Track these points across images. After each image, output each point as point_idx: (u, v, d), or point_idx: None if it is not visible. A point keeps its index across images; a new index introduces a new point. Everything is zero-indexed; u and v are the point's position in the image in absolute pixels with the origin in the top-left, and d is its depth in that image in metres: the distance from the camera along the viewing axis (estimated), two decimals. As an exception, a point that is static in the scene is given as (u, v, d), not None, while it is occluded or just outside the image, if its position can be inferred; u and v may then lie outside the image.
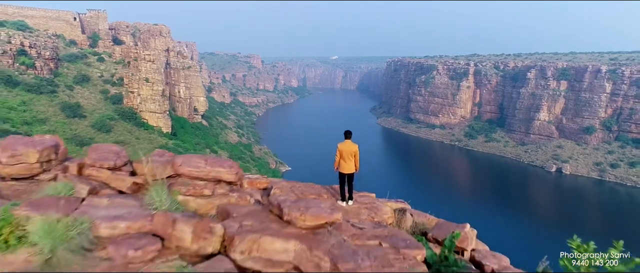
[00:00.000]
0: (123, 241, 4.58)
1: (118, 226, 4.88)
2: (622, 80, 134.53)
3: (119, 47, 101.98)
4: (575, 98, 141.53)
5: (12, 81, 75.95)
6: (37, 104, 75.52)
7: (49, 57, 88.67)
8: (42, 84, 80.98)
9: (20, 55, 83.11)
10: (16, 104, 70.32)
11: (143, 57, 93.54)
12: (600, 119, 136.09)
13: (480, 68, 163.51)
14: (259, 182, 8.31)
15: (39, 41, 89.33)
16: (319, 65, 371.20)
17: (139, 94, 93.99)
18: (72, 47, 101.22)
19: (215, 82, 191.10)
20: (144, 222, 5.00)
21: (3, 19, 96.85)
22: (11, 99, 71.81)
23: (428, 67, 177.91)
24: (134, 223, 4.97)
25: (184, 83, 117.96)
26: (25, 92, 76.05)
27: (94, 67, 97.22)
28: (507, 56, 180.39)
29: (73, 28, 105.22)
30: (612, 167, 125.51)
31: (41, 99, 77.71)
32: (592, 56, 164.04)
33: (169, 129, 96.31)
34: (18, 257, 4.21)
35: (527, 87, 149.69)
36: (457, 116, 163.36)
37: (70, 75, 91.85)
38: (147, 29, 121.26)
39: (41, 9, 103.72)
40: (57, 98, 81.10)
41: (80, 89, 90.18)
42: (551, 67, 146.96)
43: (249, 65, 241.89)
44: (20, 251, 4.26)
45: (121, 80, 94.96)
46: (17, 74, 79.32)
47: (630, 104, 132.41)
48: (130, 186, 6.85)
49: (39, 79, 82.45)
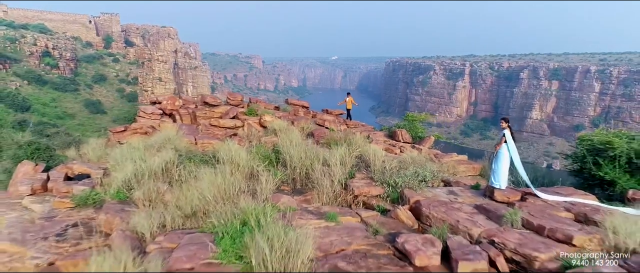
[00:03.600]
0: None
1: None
2: (610, 80, 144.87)
3: (133, 49, 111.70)
4: (566, 97, 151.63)
5: (42, 80, 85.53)
6: (64, 100, 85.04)
7: (70, 58, 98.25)
8: (66, 83, 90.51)
9: (44, 57, 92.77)
10: (48, 101, 79.88)
11: (156, 58, 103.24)
12: (589, 117, 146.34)
13: (475, 68, 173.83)
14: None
15: (60, 43, 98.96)
16: (319, 65, 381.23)
17: (153, 92, 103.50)
18: (88, 49, 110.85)
19: (217, 82, 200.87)
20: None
21: (24, 22, 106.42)
22: (42, 96, 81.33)
23: (425, 67, 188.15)
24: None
25: (191, 82, 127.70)
26: (53, 90, 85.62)
27: (109, 67, 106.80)
28: (502, 57, 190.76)
29: (88, 30, 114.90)
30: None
31: (67, 96, 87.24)
32: (583, 57, 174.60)
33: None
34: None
35: (520, 87, 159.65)
36: (453, 115, 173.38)
37: (89, 74, 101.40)
38: (156, 31, 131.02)
39: (59, 12, 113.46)
40: (80, 96, 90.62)
41: (99, 87, 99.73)
42: (543, 68, 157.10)
43: (250, 66, 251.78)
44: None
45: (135, 79, 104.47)
46: (44, 74, 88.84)
47: (618, 103, 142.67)
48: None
49: (63, 78, 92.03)
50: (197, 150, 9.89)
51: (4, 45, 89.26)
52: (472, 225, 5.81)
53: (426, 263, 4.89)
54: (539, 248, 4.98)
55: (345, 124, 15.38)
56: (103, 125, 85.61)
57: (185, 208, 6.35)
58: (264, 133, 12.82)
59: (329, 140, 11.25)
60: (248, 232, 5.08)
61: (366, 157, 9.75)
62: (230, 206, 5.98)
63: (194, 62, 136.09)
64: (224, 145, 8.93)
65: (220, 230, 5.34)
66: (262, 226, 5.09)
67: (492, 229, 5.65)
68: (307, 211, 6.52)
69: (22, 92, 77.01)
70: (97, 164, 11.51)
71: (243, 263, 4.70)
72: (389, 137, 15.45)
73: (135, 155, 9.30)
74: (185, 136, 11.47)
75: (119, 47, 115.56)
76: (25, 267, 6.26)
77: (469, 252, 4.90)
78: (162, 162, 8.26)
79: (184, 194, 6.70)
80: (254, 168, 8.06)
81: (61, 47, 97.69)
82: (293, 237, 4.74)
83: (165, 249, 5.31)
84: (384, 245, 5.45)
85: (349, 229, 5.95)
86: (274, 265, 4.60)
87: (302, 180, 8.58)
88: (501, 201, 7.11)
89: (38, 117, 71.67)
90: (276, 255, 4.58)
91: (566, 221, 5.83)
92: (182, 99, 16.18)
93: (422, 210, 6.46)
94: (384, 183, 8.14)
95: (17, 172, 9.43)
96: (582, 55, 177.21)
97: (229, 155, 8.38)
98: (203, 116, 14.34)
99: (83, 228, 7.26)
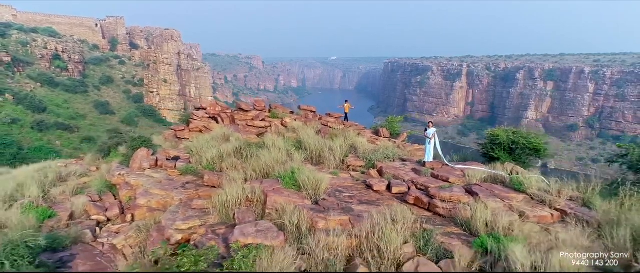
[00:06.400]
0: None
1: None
2: (603, 80, 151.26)
3: (139, 51, 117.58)
4: (560, 97, 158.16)
5: (54, 82, 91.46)
6: (75, 102, 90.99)
7: (78, 61, 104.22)
8: (75, 85, 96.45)
9: (55, 60, 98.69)
10: (60, 102, 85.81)
11: (162, 60, 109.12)
12: (583, 117, 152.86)
13: (472, 69, 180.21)
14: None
15: (69, 46, 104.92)
16: (318, 65, 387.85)
17: (158, 93, 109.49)
18: (95, 51, 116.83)
19: (218, 83, 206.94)
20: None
21: (33, 25, 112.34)
22: (55, 97, 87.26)
23: (423, 67, 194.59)
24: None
25: (194, 84, 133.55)
26: (64, 92, 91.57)
27: (116, 70, 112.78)
28: (499, 57, 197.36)
29: (95, 33, 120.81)
30: (594, 162, 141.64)
31: (77, 97, 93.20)
32: (578, 58, 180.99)
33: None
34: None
35: (516, 88, 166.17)
36: (450, 115, 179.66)
37: (97, 76, 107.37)
38: (160, 33, 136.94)
39: (66, 16, 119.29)
40: (89, 97, 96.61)
41: (106, 89, 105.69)
42: (539, 68, 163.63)
43: (250, 66, 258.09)
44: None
45: (141, 81, 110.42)
46: (55, 76, 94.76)
47: (611, 103, 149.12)
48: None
49: (72, 80, 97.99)
50: (246, 141, 15.82)
51: (17, 49, 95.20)
52: (405, 175, 11.82)
53: (379, 189, 10.92)
54: (432, 183, 10.99)
55: (343, 124, 21.31)
56: (112, 125, 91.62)
57: (258, 170, 12.39)
58: (286, 131, 18.73)
59: (332, 135, 17.14)
60: (294, 176, 11.05)
61: (355, 145, 15.75)
62: (282, 167, 12.03)
63: (196, 64, 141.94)
64: (268, 137, 14.93)
65: (281, 176, 11.32)
66: (301, 173, 11.11)
67: (414, 177, 11.67)
68: (321, 172, 12.57)
69: (36, 94, 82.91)
70: (174, 151, 17.54)
71: (295, 187, 10.68)
72: (374, 134, 21.44)
73: (211, 144, 15.36)
74: (235, 133, 17.41)
75: (125, 49, 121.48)
76: (174, 201, 12.24)
77: (398, 183, 10.92)
78: (233, 147, 14.25)
79: (255, 164, 12.75)
80: (288, 151, 13.98)
81: (70, 50, 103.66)
82: (318, 177, 10.78)
83: (255, 186, 11.30)
84: (360, 184, 11.48)
85: (344, 179, 11.99)
86: (309, 189, 10.58)
87: (316, 158, 14.48)
88: (428, 167, 13.14)
89: (54, 117, 77.58)
90: (311, 184, 10.58)
91: (454, 173, 11.87)
92: (220, 106, 22.13)
93: (383, 170, 12.48)
94: (364, 159, 14.09)
95: (136, 155, 15.44)
96: (577, 56, 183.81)
97: (272, 143, 14.35)
98: (240, 119, 20.23)
99: (194, 184, 13.31)
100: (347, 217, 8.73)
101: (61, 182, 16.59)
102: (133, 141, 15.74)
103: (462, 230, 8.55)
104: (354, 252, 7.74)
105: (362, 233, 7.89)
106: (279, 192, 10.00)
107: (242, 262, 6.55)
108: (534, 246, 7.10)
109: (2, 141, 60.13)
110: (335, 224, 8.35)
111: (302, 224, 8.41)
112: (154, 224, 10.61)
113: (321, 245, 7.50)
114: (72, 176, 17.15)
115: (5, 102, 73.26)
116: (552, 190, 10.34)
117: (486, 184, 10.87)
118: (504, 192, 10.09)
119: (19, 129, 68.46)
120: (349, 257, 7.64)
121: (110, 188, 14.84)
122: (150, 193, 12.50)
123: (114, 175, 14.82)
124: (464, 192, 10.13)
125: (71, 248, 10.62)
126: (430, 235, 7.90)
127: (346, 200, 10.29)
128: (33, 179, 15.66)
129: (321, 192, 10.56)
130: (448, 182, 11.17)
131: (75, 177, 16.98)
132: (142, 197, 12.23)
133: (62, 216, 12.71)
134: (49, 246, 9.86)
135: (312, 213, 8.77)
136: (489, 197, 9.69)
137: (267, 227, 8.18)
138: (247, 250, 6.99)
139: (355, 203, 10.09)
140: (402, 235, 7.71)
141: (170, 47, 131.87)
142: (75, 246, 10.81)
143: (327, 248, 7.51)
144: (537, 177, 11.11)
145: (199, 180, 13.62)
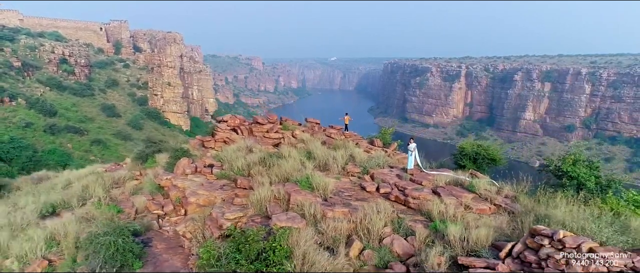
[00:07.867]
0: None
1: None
2: (600, 82, 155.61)
3: (143, 55, 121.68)
4: (558, 98, 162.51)
5: (61, 86, 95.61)
6: (82, 105, 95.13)
7: (84, 65, 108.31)
8: (82, 88, 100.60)
9: (62, 63, 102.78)
10: (69, 105, 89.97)
11: (165, 63, 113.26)
12: (580, 118, 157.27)
13: (471, 70, 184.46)
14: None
15: (75, 50, 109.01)
16: (318, 66, 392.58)
17: (162, 96, 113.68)
18: (100, 55, 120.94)
19: (219, 84, 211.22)
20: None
21: (39, 30, 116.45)
22: (64, 101, 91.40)
23: (422, 69, 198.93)
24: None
25: (196, 86, 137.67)
26: (72, 95, 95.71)
27: (121, 73, 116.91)
28: (497, 58, 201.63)
29: (99, 37, 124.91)
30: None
31: (85, 101, 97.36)
32: (575, 59, 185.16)
33: (188, 127, 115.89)
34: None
35: (514, 89, 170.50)
36: (449, 116, 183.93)
37: (102, 80, 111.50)
38: (162, 36, 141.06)
39: (71, 20, 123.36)
40: (95, 100, 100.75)
41: (111, 92, 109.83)
42: (536, 70, 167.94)
43: (250, 67, 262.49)
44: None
45: (146, 84, 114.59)
46: (63, 80, 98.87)
47: (607, 104, 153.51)
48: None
49: (79, 83, 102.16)
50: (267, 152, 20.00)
51: (25, 54, 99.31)
52: (391, 179, 16.06)
53: (371, 190, 15.17)
54: (409, 185, 15.22)
55: (343, 135, 25.41)
56: (119, 128, 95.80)
57: (279, 176, 16.61)
58: (296, 141, 22.86)
59: (334, 146, 21.31)
60: (309, 181, 15.27)
61: (354, 155, 19.97)
62: (298, 173, 16.26)
63: (198, 66, 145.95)
64: (283, 149, 19.17)
65: (298, 181, 15.53)
66: (313, 178, 15.33)
67: (397, 181, 15.91)
68: (328, 176, 16.82)
69: (46, 98, 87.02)
70: (208, 159, 21.76)
71: (309, 189, 14.89)
72: (369, 143, 25.54)
73: (238, 154, 19.59)
74: (255, 144, 21.61)
75: (128, 52, 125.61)
76: (217, 199, 16.41)
77: (385, 186, 15.18)
78: (258, 157, 18.48)
79: (276, 170, 16.97)
80: (301, 160, 18.17)
81: (76, 54, 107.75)
82: (326, 181, 15.03)
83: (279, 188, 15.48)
84: (357, 186, 15.75)
85: (345, 182, 16.27)
86: (320, 190, 14.81)
87: (323, 166, 18.68)
88: (408, 173, 17.37)
89: (64, 121, 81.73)
90: (321, 186, 14.80)
91: (427, 178, 16.11)
92: (238, 118, 26.24)
93: (374, 175, 16.74)
94: (361, 167, 18.30)
95: (180, 163, 19.65)
96: (574, 58, 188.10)
97: (288, 153, 18.57)
98: (256, 131, 24.33)
99: (229, 186, 17.53)
100: (347, 209, 12.97)
101: (116, 185, 20.80)
102: (175, 151, 19.90)
103: (424, 218, 12.81)
104: (352, 232, 12.00)
105: (357, 220, 12.14)
106: (298, 192, 14.23)
107: (281, 236, 10.73)
108: (466, 226, 11.32)
109: (18, 144, 64.13)
110: (339, 214, 12.57)
111: (317, 214, 12.65)
112: (206, 216, 14.82)
113: (330, 227, 11.74)
114: (122, 180, 21.35)
115: (19, 106, 77.37)
116: (496, 189, 14.60)
117: (449, 186, 15.11)
118: (459, 192, 14.32)
119: (32, 132, 72.60)
120: (348, 235, 11.87)
121: (159, 189, 19.00)
122: (197, 193, 16.70)
123: (162, 179, 19.00)
124: (431, 192, 14.38)
125: (146, 234, 14.85)
126: (402, 221, 12.19)
127: (346, 198, 14.57)
128: (96, 182, 19.85)
129: (328, 192, 14.80)
130: (421, 185, 15.39)
131: (126, 180, 21.16)
132: (191, 196, 16.43)
133: (129, 211, 16.92)
134: (134, 231, 14.08)
135: (323, 206, 13.00)
136: (448, 195, 13.92)
137: (293, 216, 12.42)
138: (283, 230, 11.15)
139: (353, 200, 14.36)
140: (383, 220, 11.96)
141: (173, 50, 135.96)
142: (148, 232, 15.04)
143: (334, 229, 11.75)
144: (487, 180, 15.38)
145: (232, 183, 17.81)
